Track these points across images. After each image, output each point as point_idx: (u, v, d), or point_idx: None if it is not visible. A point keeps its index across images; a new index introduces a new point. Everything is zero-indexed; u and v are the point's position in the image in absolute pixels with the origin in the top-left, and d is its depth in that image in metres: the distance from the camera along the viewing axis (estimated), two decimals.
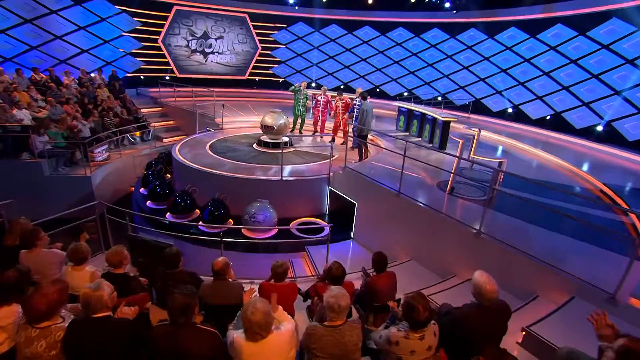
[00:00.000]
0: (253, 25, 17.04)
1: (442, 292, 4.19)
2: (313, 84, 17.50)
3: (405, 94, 16.65)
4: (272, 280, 3.51)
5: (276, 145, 8.85)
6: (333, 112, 9.61)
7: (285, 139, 9.05)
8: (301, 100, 10.34)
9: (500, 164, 6.69)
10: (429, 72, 16.16)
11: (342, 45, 17.57)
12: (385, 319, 3.56)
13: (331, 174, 7.10)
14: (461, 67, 15.17)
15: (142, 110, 12.04)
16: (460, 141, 5.75)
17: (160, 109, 13.37)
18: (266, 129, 8.77)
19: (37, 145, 7.80)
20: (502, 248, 4.25)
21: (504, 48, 13.65)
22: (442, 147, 9.01)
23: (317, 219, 7.10)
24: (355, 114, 8.89)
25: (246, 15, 16.75)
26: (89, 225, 5.35)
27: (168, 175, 8.71)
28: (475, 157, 6.46)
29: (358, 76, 17.69)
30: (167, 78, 15.34)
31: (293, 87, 10.42)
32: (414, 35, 16.17)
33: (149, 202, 7.41)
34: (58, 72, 11.37)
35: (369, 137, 9.12)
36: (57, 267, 3.38)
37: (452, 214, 5.08)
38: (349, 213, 6.90)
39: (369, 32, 17.02)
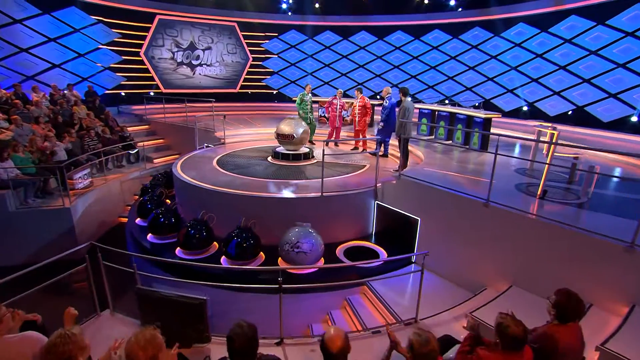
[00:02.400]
0: (243, 34, 15.91)
1: (618, 337, 2.92)
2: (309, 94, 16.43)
3: (409, 99, 15.77)
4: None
5: (297, 157, 7.52)
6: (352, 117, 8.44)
7: (306, 149, 7.80)
8: (308, 107, 9.15)
9: (576, 158, 5.68)
10: (432, 75, 15.44)
11: (337, 53, 16.69)
12: None
13: (379, 185, 5.83)
14: (467, 68, 14.51)
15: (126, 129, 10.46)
16: (556, 132, 4.64)
17: (147, 127, 11.80)
18: (283, 138, 7.45)
19: None
20: None
21: (513, 45, 13.08)
22: (483, 147, 8.01)
23: (366, 242, 5.75)
24: (381, 117, 7.77)
25: (235, 24, 15.62)
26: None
27: (168, 200, 7.17)
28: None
29: (357, 84, 16.76)
30: (152, 94, 13.81)
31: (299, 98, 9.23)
32: (413, 38, 15.50)
33: (150, 235, 5.85)
34: (25, 89, 9.69)
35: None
36: None
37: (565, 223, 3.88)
38: (401, 232, 5.65)
39: (365, 37, 16.25)
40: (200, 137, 9.30)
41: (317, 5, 15.74)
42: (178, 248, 5.36)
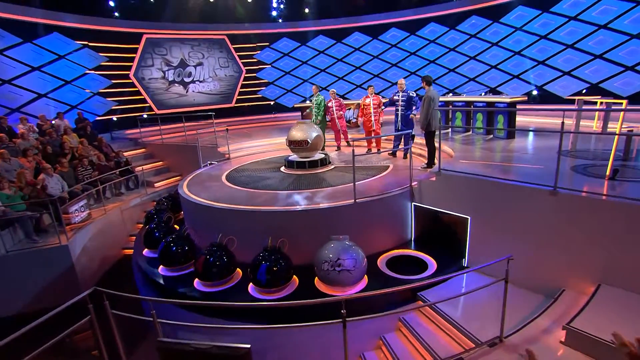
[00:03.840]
0: (234, 47, 15.43)
1: None
2: (308, 102, 15.89)
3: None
4: None
5: (313, 164, 6.88)
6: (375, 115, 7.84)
7: (322, 155, 7.18)
8: (317, 110, 8.56)
9: (630, 131, 5.10)
10: (432, 70, 14.98)
11: (332, 57, 16.25)
12: None
13: (414, 184, 5.19)
14: (468, 58, 14.08)
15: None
16: (624, 101, 4.06)
17: (143, 150, 11.14)
18: (297, 145, 6.81)
19: None
20: None
21: (514, 29, 12.68)
22: (510, 134, 7.44)
23: (409, 250, 5.08)
24: (403, 111, 7.13)
25: (225, 37, 15.15)
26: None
27: (176, 226, 6.48)
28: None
29: (355, 86, 16.31)
30: (145, 116, 13.19)
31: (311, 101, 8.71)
32: (409, 34, 15.11)
33: (161, 267, 5.14)
34: (11, 122, 9.03)
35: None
36: None
37: None
38: (445, 235, 4.98)
39: (359, 38, 15.85)
40: (203, 155, 8.66)
41: (306, 10, 15.37)
42: (196, 279, 4.65)
